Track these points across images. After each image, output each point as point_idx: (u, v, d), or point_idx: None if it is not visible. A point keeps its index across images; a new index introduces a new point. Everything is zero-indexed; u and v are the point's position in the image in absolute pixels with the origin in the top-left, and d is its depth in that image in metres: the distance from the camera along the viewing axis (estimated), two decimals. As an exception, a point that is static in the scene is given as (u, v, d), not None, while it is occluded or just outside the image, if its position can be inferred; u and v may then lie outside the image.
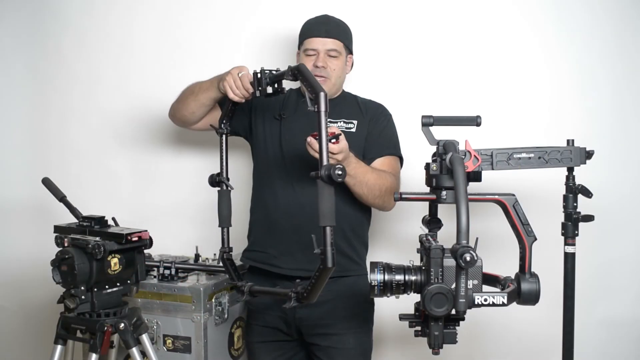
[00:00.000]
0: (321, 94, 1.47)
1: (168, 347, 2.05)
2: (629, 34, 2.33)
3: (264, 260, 2.02)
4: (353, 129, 2.02)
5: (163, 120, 2.68)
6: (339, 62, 2.03)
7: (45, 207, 2.54)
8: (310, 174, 1.48)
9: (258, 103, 2.09)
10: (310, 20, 2.08)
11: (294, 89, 2.16)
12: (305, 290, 1.58)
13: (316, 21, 2.07)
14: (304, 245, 1.92)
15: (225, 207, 1.92)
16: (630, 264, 2.38)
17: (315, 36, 2.01)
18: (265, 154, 2.06)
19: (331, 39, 2.01)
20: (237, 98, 1.86)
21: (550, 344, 1.96)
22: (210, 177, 1.96)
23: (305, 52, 2.04)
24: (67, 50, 2.80)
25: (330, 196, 1.45)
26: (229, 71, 1.88)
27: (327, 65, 2.00)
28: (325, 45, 2.00)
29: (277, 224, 1.99)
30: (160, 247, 2.18)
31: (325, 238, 1.46)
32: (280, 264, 1.99)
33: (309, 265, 1.87)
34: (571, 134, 1.59)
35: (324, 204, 1.45)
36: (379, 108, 2.11)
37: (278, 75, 1.77)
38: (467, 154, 1.43)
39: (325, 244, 1.46)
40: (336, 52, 2.01)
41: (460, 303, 1.23)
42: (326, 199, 1.44)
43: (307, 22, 2.08)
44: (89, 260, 1.72)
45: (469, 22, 2.41)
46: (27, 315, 2.90)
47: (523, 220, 1.42)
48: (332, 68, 2.01)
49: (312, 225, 1.89)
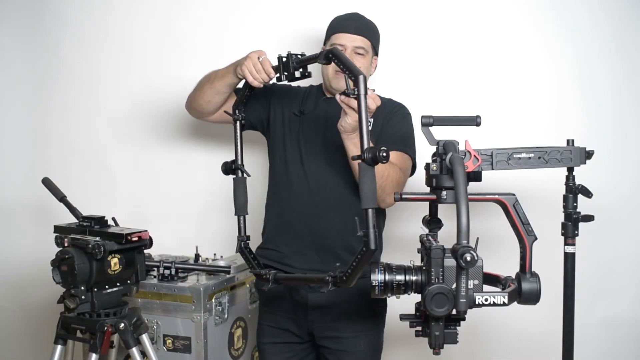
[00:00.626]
0: (360, 77, 1.44)
1: (168, 347, 2.05)
2: (629, 34, 2.33)
3: (276, 259, 1.98)
4: (370, 126, 1.96)
5: (163, 120, 2.69)
6: (364, 61, 1.97)
7: (45, 207, 2.54)
8: (352, 157, 1.44)
9: (277, 98, 2.07)
10: (340, 16, 2.03)
11: (314, 85, 2.13)
12: (344, 274, 1.52)
13: (346, 17, 2.02)
14: (318, 246, 1.93)
15: (242, 195, 1.85)
16: (630, 264, 2.38)
17: (344, 32, 1.96)
18: (283, 151, 2.01)
19: (360, 36, 1.96)
20: (256, 83, 1.80)
21: (550, 344, 1.96)
22: (224, 165, 1.88)
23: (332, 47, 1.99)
24: (67, 50, 2.80)
25: (373, 178, 1.42)
26: (247, 55, 1.83)
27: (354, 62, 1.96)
28: (354, 42, 1.95)
29: (291, 224, 1.96)
30: (160, 247, 2.18)
31: (368, 220, 1.42)
32: (293, 263, 1.95)
33: (322, 265, 1.88)
34: (571, 134, 1.59)
35: (366, 186, 1.42)
36: (397, 106, 2.04)
37: (307, 59, 1.72)
38: (467, 154, 1.43)
39: (368, 226, 1.42)
40: (363, 50, 1.96)
41: (461, 303, 1.23)
42: (369, 181, 1.42)
43: (336, 18, 2.03)
44: (89, 260, 1.72)
45: (468, 22, 2.41)
46: (27, 315, 2.90)
47: (523, 220, 1.42)
48: (357, 66, 1.97)
49: (327, 226, 1.91)
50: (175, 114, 2.65)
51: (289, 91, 2.12)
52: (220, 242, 2.48)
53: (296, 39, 2.51)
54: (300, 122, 2.02)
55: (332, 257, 1.90)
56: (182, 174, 2.69)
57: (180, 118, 2.64)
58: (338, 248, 1.91)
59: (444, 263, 1.32)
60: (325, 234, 1.91)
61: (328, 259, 1.90)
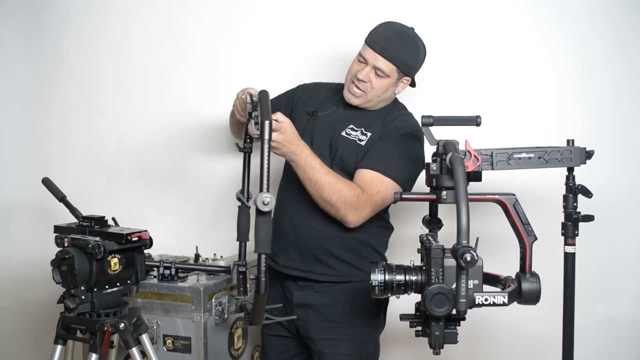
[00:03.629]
0: (266, 122, 1.40)
1: (168, 347, 2.05)
2: (629, 34, 2.32)
3: (270, 257, 2.00)
4: (364, 142, 1.92)
5: (163, 120, 2.69)
6: (382, 83, 1.89)
7: (45, 207, 2.54)
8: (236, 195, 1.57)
9: (301, 96, 2.10)
10: (380, 25, 1.94)
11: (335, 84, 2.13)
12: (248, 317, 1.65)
13: (381, 32, 1.91)
14: (299, 246, 1.95)
15: (245, 223, 1.84)
16: (630, 264, 2.38)
17: (372, 48, 1.88)
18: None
19: (384, 58, 1.87)
20: (240, 117, 1.91)
21: (550, 344, 1.96)
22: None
23: (359, 56, 1.93)
24: (67, 49, 2.80)
25: (269, 225, 1.39)
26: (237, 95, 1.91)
27: (370, 80, 1.88)
28: (376, 61, 1.87)
29: (280, 223, 1.99)
30: (160, 247, 2.18)
31: (260, 265, 1.42)
32: (279, 261, 2.01)
33: (303, 265, 1.94)
34: (571, 134, 1.59)
35: (261, 232, 1.38)
36: (399, 125, 1.93)
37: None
38: (467, 154, 1.43)
39: (259, 270, 1.43)
40: (383, 73, 1.87)
41: (461, 303, 1.23)
42: (264, 228, 1.39)
43: (376, 26, 1.94)
44: (89, 260, 1.72)
45: (469, 22, 2.41)
46: (27, 315, 2.90)
47: (523, 220, 1.42)
48: (372, 86, 1.89)
49: (308, 228, 1.93)
50: (175, 113, 2.65)
51: (314, 88, 2.14)
52: (220, 242, 2.48)
53: (296, 40, 2.51)
54: (310, 122, 2.02)
55: (312, 258, 1.94)
56: (182, 174, 2.69)
57: (179, 118, 2.64)
58: (317, 250, 1.93)
59: (444, 263, 1.32)
60: (306, 235, 1.94)
61: (309, 260, 1.94)
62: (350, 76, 1.94)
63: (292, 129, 1.73)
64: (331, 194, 1.78)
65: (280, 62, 2.54)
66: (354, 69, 1.93)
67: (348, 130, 1.96)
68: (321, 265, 1.93)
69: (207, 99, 2.60)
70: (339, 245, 1.93)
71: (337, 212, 1.81)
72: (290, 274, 1.98)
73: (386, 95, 1.95)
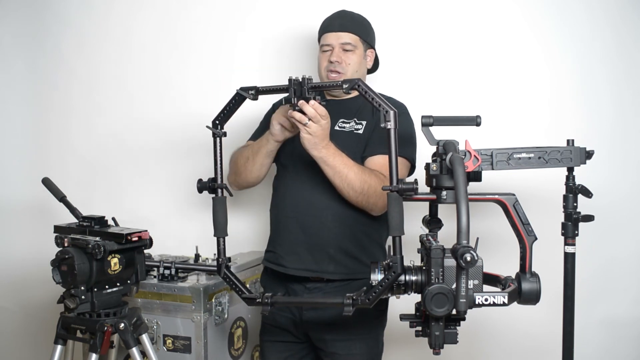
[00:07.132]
0: (391, 112, 1.45)
1: (168, 347, 2.05)
2: (629, 34, 2.33)
3: (273, 260, 1.99)
4: (361, 130, 1.95)
5: (163, 120, 2.69)
6: (354, 57, 1.97)
7: (45, 207, 2.54)
8: (382, 187, 1.48)
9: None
10: (327, 17, 2.05)
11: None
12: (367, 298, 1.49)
13: (331, 17, 2.04)
14: (311, 245, 1.91)
15: (222, 216, 1.70)
16: (630, 264, 2.38)
17: (330, 31, 1.99)
18: (282, 152, 1.99)
19: (345, 32, 1.97)
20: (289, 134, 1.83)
21: (550, 344, 1.96)
22: (199, 182, 1.69)
23: (321, 49, 2.01)
24: (67, 49, 2.81)
25: (401, 208, 1.45)
26: (272, 123, 1.84)
27: (342, 60, 1.96)
28: (340, 40, 1.96)
29: (285, 224, 1.96)
30: (160, 247, 2.18)
31: (395, 247, 1.44)
32: (286, 264, 1.95)
33: (315, 265, 1.90)
34: (571, 134, 1.59)
35: (394, 215, 1.44)
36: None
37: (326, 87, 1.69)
38: (467, 154, 1.43)
39: (395, 252, 1.44)
40: (351, 45, 1.96)
41: (461, 303, 1.23)
42: (397, 210, 1.43)
43: (324, 19, 2.05)
44: (89, 260, 1.72)
45: (469, 22, 2.41)
46: (27, 315, 2.90)
47: (523, 220, 1.42)
48: (347, 62, 1.96)
49: (320, 225, 1.89)
50: (175, 113, 2.65)
51: (289, 100, 2.10)
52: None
53: (295, 40, 2.51)
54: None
55: (325, 256, 1.90)
56: (182, 174, 2.69)
57: (179, 118, 2.64)
58: (331, 247, 1.90)
59: (444, 263, 1.32)
60: (318, 233, 1.90)
61: (321, 259, 1.90)
62: (323, 68, 1.99)
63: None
64: (363, 185, 1.79)
65: (280, 62, 2.54)
66: (323, 60, 1.99)
67: (340, 124, 1.96)
68: (333, 263, 1.90)
69: (207, 99, 2.59)
70: (351, 240, 1.91)
71: (367, 202, 1.82)
72: (301, 275, 1.92)
73: (361, 70, 2.01)
